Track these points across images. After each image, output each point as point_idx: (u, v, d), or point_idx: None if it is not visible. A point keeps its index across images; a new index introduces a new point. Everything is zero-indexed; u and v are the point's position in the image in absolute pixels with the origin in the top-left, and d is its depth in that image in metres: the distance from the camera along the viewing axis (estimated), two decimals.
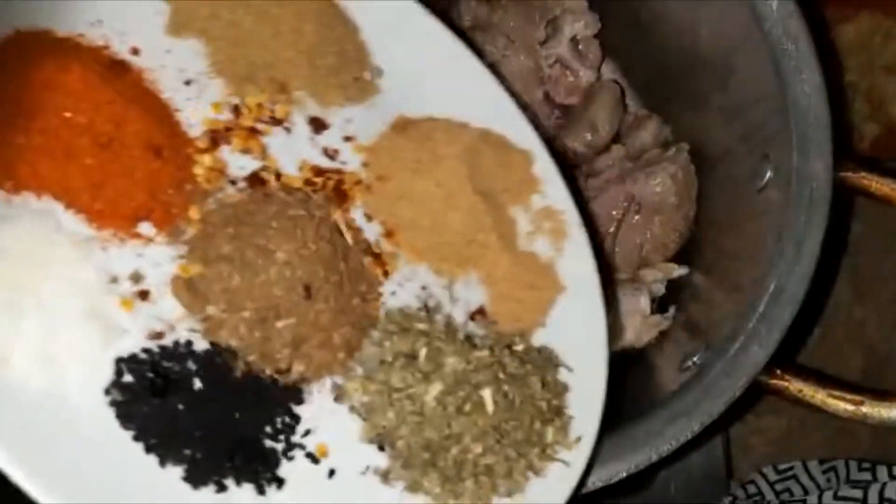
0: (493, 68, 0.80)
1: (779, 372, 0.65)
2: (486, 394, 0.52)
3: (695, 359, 0.66)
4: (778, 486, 0.80)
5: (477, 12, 0.82)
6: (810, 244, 0.64)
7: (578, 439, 0.56)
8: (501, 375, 0.53)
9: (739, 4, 0.69)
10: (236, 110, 0.55)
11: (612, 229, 0.78)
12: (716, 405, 0.62)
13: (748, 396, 0.85)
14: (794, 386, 0.63)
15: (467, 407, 0.51)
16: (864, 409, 0.62)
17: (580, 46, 0.82)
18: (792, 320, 0.63)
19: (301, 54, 0.58)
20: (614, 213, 0.78)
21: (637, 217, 0.78)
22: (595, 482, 0.60)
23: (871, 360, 0.96)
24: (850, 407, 0.61)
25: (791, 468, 0.81)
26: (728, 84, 0.74)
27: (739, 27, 0.70)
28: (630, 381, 0.79)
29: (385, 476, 0.51)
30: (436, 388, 0.51)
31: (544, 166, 0.62)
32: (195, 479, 0.46)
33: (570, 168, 0.82)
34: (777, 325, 0.62)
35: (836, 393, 0.62)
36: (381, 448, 0.52)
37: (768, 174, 0.69)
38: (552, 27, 0.81)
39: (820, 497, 0.73)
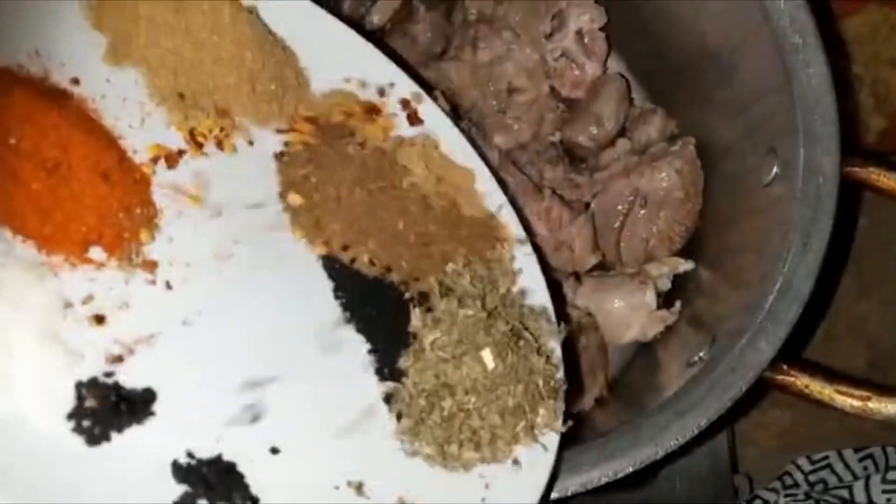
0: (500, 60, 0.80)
1: (785, 367, 0.64)
2: (486, 352, 0.54)
3: (701, 354, 0.66)
4: (812, 477, 0.80)
5: (482, 6, 0.82)
6: (817, 239, 0.63)
7: (567, 424, 0.56)
8: (507, 341, 0.55)
9: None
10: (188, 136, 0.56)
11: (617, 224, 0.78)
12: (721, 401, 0.61)
13: (753, 391, 0.86)
14: (801, 381, 0.63)
15: (466, 359, 0.53)
16: (871, 404, 0.62)
17: (586, 40, 0.81)
18: (798, 316, 0.63)
19: (243, 81, 0.58)
20: (620, 207, 0.78)
21: (643, 211, 0.78)
22: (600, 478, 0.60)
23: (875, 355, 0.96)
24: (856, 403, 0.61)
25: (825, 457, 0.81)
26: (734, 78, 0.74)
27: (746, 20, 0.70)
28: (635, 375, 0.79)
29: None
30: (434, 335, 0.54)
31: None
32: None
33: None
34: (783, 320, 0.62)
35: (843, 388, 0.62)
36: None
37: (775, 169, 0.68)
38: (558, 20, 0.81)
39: (867, 483, 0.73)
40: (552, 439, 0.56)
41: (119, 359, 0.48)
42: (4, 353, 0.44)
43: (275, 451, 0.49)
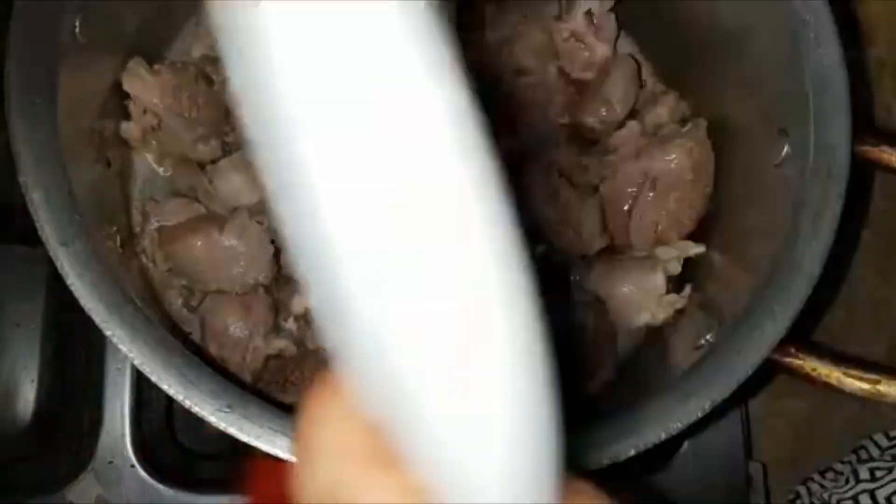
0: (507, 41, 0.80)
1: (793, 350, 0.63)
2: None
3: (708, 337, 0.65)
4: (888, 454, 0.79)
5: None
6: (828, 218, 0.62)
7: None
8: None
9: None
10: None
11: (626, 207, 0.77)
12: (728, 384, 0.60)
13: (764, 376, 0.84)
14: (809, 364, 0.62)
15: None
16: (882, 387, 0.60)
17: (595, 21, 0.80)
18: (807, 297, 0.61)
19: None
20: (629, 190, 0.77)
21: (652, 194, 0.77)
22: (603, 460, 0.59)
23: None
24: (865, 386, 0.60)
25: None
26: (746, 57, 0.73)
27: None
28: (644, 359, 0.78)
29: None
30: None
31: None
32: None
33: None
34: (791, 301, 0.61)
35: (853, 372, 0.61)
36: None
37: (786, 149, 0.67)
38: (566, 1, 0.80)
39: None
40: None
41: None
42: None
43: None
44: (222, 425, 0.57)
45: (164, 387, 0.58)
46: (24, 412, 0.80)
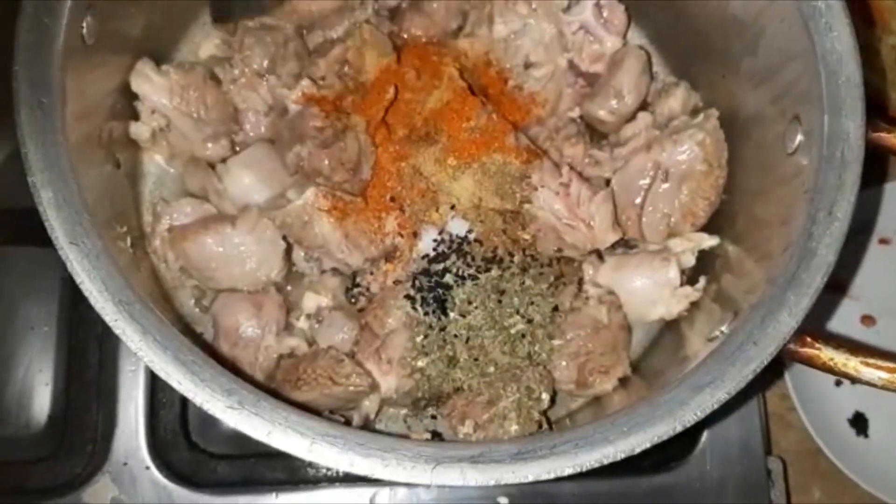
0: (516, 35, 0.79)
1: (809, 340, 0.62)
2: None
3: (723, 328, 0.64)
4: None
5: None
6: (842, 206, 0.61)
7: None
8: None
9: None
10: None
11: (638, 200, 0.76)
12: (743, 374, 0.59)
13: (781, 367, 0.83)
14: (826, 354, 0.61)
15: None
16: None
17: (604, 13, 0.80)
18: (823, 286, 0.60)
19: None
20: (641, 182, 0.76)
21: (664, 186, 0.76)
22: (617, 454, 0.58)
23: None
24: (884, 375, 0.59)
25: None
26: (758, 45, 0.72)
27: None
28: (660, 353, 0.78)
29: None
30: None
31: None
32: None
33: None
34: (807, 290, 0.60)
35: (870, 361, 0.60)
36: None
37: (799, 137, 0.66)
38: None
39: None
40: None
41: None
42: None
43: None
44: (232, 422, 0.56)
45: (175, 384, 0.58)
46: (39, 414, 0.80)
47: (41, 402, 0.80)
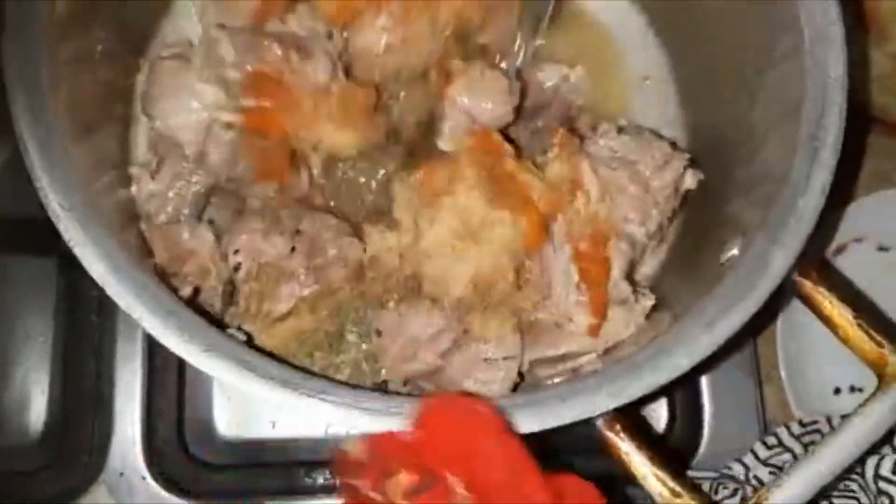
0: None
1: (815, 275, 0.61)
2: None
3: (734, 251, 0.63)
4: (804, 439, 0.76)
5: None
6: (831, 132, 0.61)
7: None
8: None
9: None
10: None
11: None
12: (747, 303, 0.58)
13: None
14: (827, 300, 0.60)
15: None
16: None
17: None
18: (820, 210, 0.60)
19: None
20: None
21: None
22: (631, 394, 0.57)
23: None
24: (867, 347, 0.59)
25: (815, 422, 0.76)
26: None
27: None
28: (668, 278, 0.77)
29: None
30: None
31: None
32: None
33: None
34: (808, 211, 0.60)
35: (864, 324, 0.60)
36: None
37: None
38: None
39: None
40: None
41: None
42: None
43: None
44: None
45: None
46: (35, 424, 0.78)
47: (37, 411, 0.78)
